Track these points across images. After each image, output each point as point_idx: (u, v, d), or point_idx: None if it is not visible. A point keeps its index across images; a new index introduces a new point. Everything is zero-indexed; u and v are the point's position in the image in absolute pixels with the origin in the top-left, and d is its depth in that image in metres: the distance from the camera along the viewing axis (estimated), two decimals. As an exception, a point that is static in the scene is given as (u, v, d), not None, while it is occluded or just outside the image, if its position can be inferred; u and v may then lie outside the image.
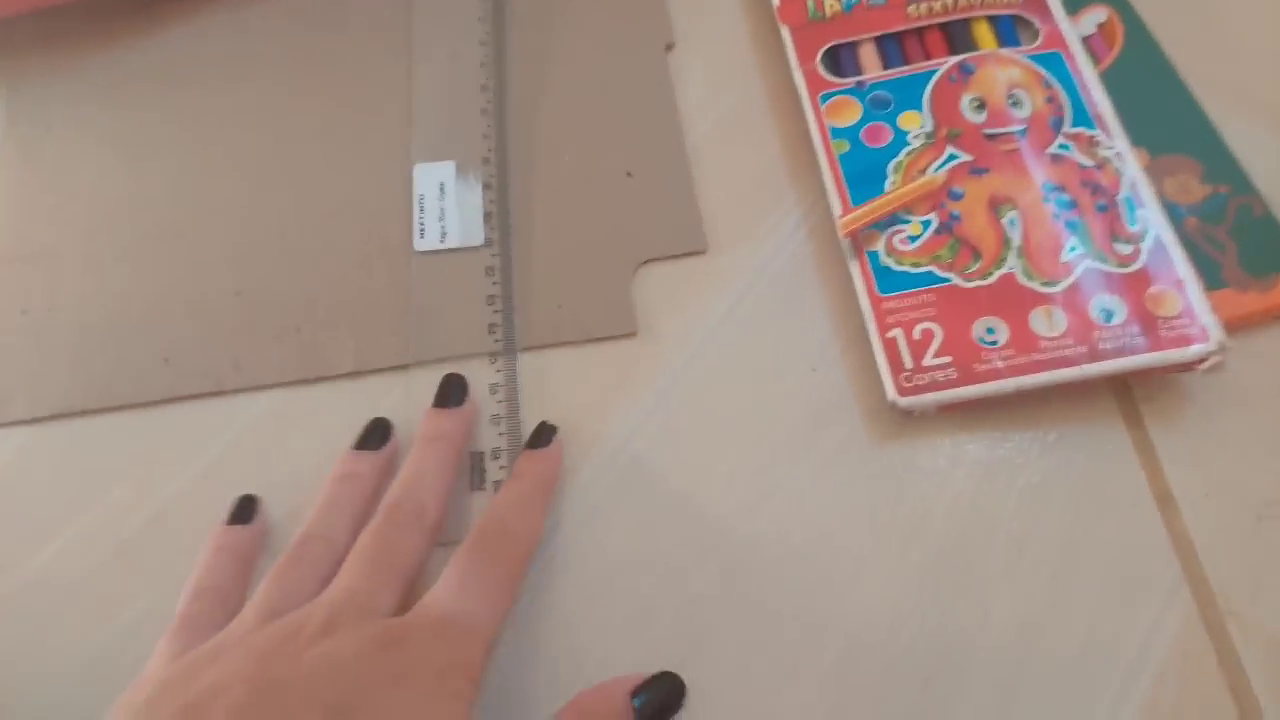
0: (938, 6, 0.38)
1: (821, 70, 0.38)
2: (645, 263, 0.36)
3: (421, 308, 0.34)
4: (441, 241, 0.35)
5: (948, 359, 0.32)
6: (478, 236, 0.35)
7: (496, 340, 0.34)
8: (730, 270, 0.35)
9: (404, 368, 0.34)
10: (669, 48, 0.41)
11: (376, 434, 0.31)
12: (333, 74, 0.40)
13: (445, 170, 0.37)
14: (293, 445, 0.33)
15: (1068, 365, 0.31)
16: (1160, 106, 0.37)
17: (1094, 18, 0.39)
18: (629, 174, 0.37)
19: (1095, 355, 0.31)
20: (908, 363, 0.32)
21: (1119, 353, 0.31)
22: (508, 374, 0.33)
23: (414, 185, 0.37)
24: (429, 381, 0.33)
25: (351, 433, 0.32)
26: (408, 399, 0.33)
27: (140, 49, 0.41)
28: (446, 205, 0.36)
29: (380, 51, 0.41)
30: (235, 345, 0.35)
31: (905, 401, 0.31)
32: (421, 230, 0.36)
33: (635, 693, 0.25)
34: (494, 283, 0.35)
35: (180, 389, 0.34)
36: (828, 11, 0.39)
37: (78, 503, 0.32)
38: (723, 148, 0.38)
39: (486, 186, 0.37)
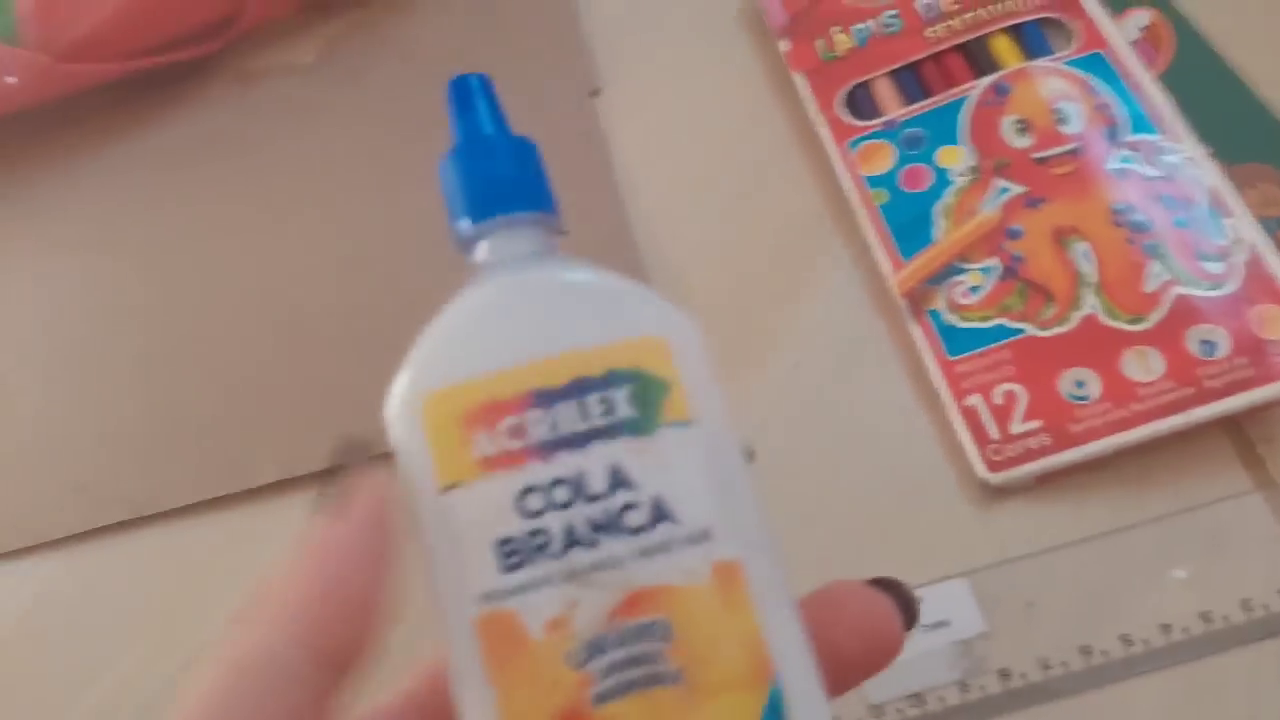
0: (958, 25, 0.35)
1: (843, 115, 0.35)
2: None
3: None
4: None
5: (1037, 423, 0.29)
6: None
7: None
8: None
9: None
10: (594, 94, 0.36)
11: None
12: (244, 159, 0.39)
13: None
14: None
15: (1173, 412, 0.28)
16: (1226, 112, 0.33)
17: (1137, 21, 0.35)
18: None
19: (1203, 397, 0.28)
20: (993, 433, 0.29)
21: (1229, 389, 0.28)
22: None
23: None
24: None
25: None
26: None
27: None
28: None
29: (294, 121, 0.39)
30: (149, 463, 0.32)
31: (997, 478, 0.28)
32: None
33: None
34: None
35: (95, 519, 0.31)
36: (839, 49, 0.36)
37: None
38: (680, 227, 0.35)
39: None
